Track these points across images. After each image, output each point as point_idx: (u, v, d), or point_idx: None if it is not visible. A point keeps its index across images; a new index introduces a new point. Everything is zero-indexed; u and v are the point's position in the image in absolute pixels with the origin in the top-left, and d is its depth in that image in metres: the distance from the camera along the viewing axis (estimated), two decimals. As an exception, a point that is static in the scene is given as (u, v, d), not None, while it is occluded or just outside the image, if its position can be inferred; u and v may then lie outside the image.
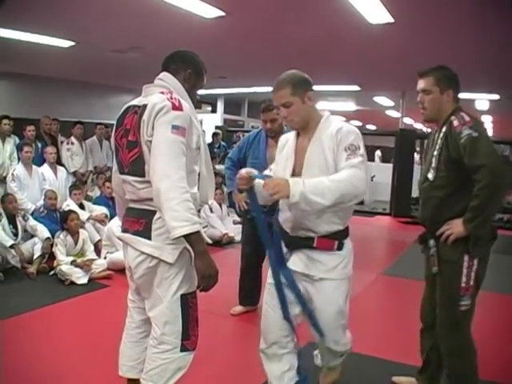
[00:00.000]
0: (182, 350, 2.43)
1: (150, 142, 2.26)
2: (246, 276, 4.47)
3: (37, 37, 7.00)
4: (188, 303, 2.44)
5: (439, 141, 2.70)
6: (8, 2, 5.22)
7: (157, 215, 2.33)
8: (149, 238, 2.34)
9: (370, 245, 8.45)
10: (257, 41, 7.11)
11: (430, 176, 2.74)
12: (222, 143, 12.03)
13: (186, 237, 2.17)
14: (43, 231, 5.67)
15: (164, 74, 2.53)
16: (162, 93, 2.37)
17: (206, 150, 2.54)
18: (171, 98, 2.31)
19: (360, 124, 22.67)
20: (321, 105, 15.99)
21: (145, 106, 2.33)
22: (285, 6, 5.29)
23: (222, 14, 5.52)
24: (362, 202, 12.74)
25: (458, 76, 2.79)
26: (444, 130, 2.68)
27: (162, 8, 5.30)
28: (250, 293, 4.49)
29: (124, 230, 2.50)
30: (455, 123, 2.60)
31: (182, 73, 2.54)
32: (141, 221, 2.38)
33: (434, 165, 2.72)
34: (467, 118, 2.60)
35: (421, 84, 2.79)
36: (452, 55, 6.56)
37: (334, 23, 5.77)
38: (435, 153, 2.72)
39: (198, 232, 2.18)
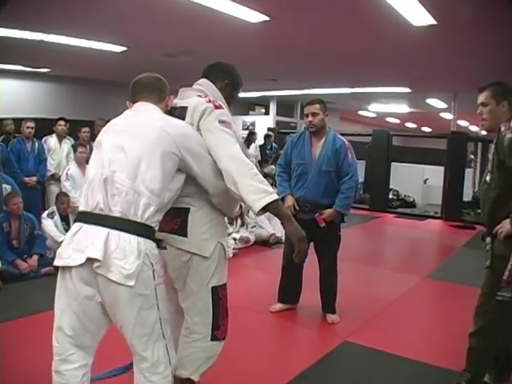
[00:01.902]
0: (212, 339, 2.55)
1: None
2: (287, 275, 4.51)
3: (91, 43, 7.30)
4: (218, 295, 2.55)
5: (493, 146, 2.92)
6: (64, 12, 5.53)
7: (192, 212, 2.46)
8: (185, 235, 2.46)
9: (418, 248, 8.39)
10: (303, 44, 7.14)
11: (488, 178, 2.95)
12: (274, 145, 12.11)
13: (269, 206, 2.22)
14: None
15: (203, 80, 2.69)
16: (200, 96, 2.52)
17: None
18: (209, 101, 2.46)
19: (415, 126, 22.39)
20: (374, 107, 15.90)
21: (182, 108, 2.49)
22: (329, 10, 5.34)
23: (267, 18, 5.62)
24: (413, 205, 12.63)
25: (502, 76, 2.94)
26: (496, 137, 2.86)
27: (209, 13, 5.44)
28: (289, 291, 4.54)
29: (160, 230, 2.63)
30: (502, 129, 2.78)
31: (219, 82, 2.69)
32: (175, 220, 2.47)
33: (489, 169, 2.94)
34: None
35: (480, 98, 3.00)
36: (500, 56, 6.51)
37: (378, 26, 5.77)
38: (490, 157, 2.99)
39: (277, 200, 2.27)
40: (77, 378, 2.18)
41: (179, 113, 2.48)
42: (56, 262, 2.13)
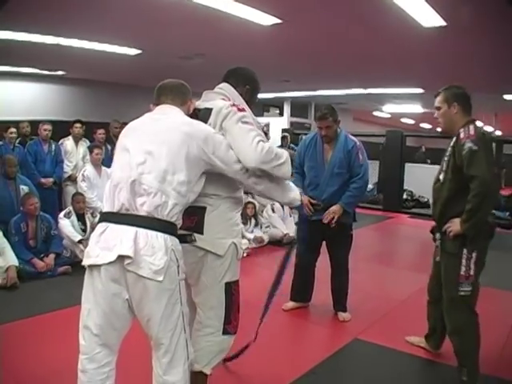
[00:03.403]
0: (224, 333, 2.64)
1: None
2: (299, 273, 4.54)
3: (106, 46, 7.40)
4: (232, 290, 2.63)
5: (449, 148, 3.14)
6: (79, 15, 5.62)
7: (208, 211, 2.54)
8: (201, 233, 2.54)
9: (430, 248, 8.34)
10: (315, 46, 7.18)
11: (441, 177, 3.20)
12: (292, 145, 12.13)
13: None
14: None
15: (224, 85, 2.76)
16: (223, 99, 2.61)
17: None
18: (234, 105, 2.55)
19: (430, 126, 22.28)
20: (388, 107, 15.88)
21: (207, 109, 2.57)
22: (338, 13, 5.37)
23: (279, 21, 5.67)
24: (428, 206, 12.58)
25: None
26: (453, 140, 3.10)
27: (221, 16, 5.49)
28: (302, 290, 4.59)
29: None
30: (461, 135, 3.01)
31: (240, 87, 2.77)
32: (192, 218, 2.53)
33: (444, 168, 3.18)
34: (472, 132, 3.00)
35: (435, 103, 3.25)
36: (509, 56, 6.52)
37: (389, 27, 5.79)
38: (446, 158, 3.17)
39: None
40: (103, 375, 2.26)
41: (203, 114, 2.56)
42: (84, 262, 2.23)
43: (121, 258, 2.10)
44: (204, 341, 2.63)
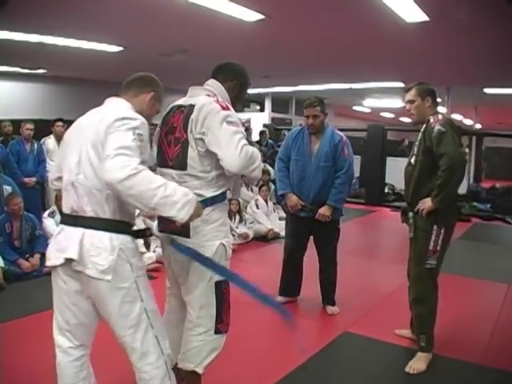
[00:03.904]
0: (215, 333, 2.63)
1: (199, 139, 2.47)
2: (288, 268, 4.57)
3: (87, 43, 7.37)
4: (222, 289, 2.62)
5: (420, 134, 3.44)
6: (61, 13, 5.58)
7: None
8: (188, 236, 2.53)
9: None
10: (298, 42, 7.20)
11: (412, 161, 3.49)
12: (270, 141, 12.09)
13: None
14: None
15: (212, 81, 2.75)
16: (208, 95, 2.59)
17: None
18: (218, 101, 2.53)
19: (409, 120, 22.36)
20: (368, 102, 15.95)
21: (191, 105, 2.54)
22: (323, 7, 5.39)
23: (262, 17, 5.68)
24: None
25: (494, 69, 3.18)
26: (424, 126, 3.41)
27: (204, 12, 5.48)
28: (290, 284, 4.61)
29: (162, 230, 2.69)
30: (431, 120, 3.32)
31: (228, 82, 2.75)
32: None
33: (415, 152, 3.46)
34: (440, 117, 3.33)
35: (407, 96, 3.52)
36: (489, 50, 6.60)
37: (372, 22, 5.83)
38: (417, 143, 3.47)
39: None
40: (76, 368, 2.34)
41: (188, 110, 2.54)
42: (46, 263, 2.29)
43: (69, 260, 2.15)
44: (196, 340, 2.63)
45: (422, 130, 3.43)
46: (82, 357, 2.36)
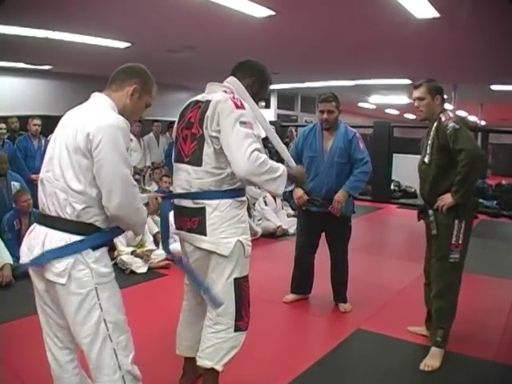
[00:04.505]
0: (235, 330, 2.62)
1: (214, 137, 2.45)
2: (299, 266, 4.55)
3: (94, 39, 7.37)
4: (241, 287, 2.62)
5: (432, 133, 3.44)
6: (68, 8, 5.56)
7: (209, 211, 2.51)
8: (204, 234, 2.52)
9: (422, 238, 8.42)
10: (308, 38, 7.18)
11: (426, 160, 3.49)
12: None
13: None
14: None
15: (231, 78, 2.75)
16: (225, 91, 2.58)
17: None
18: (233, 98, 2.50)
19: (414, 117, 22.37)
20: (374, 99, 15.92)
21: (208, 101, 2.53)
22: (333, 3, 5.36)
23: (273, 13, 5.65)
24: (415, 196, 12.64)
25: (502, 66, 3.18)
26: (435, 125, 3.42)
27: (213, 8, 5.45)
28: (302, 282, 4.59)
29: (178, 228, 2.68)
30: (443, 118, 3.36)
31: (247, 79, 2.75)
32: (194, 219, 2.54)
33: (428, 151, 3.47)
34: (451, 115, 3.39)
35: (416, 93, 3.53)
36: (497, 47, 6.57)
37: (382, 19, 5.81)
38: (429, 142, 3.46)
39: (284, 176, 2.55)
40: (67, 373, 2.27)
41: (204, 106, 2.53)
42: (20, 261, 2.23)
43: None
44: (215, 337, 2.62)
45: (432, 128, 3.45)
46: (70, 361, 2.27)
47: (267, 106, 16.14)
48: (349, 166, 4.26)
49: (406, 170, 12.72)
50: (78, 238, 2.05)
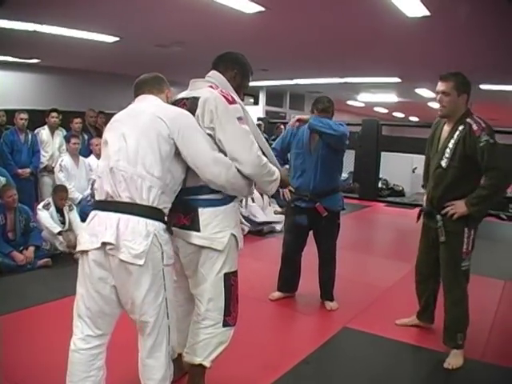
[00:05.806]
0: (224, 325, 2.63)
1: (207, 134, 2.44)
2: (286, 263, 4.52)
3: (83, 33, 7.30)
4: (230, 281, 2.62)
5: (455, 137, 3.23)
6: (56, 1, 5.50)
7: (201, 206, 2.52)
8: (198, 230, 2.52)
9: (409, 236, 8.38)
10: (297, 35, 7.17)
11: (444, 164, 3.30)
12: (264, 135, 12.03)
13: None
14: (78, 227, 5.73)
15: (213, 72, 2.73)
16: (211, 87, 2.56)
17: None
18: (222, 92, 2.51)
19: (403, 115, 22.48)
20: (362, 96, 15.94)
21: (194, 98, 2.52)
22: (323, 1, 5.37)
23: (262, 9, 5.64)
24: (403, 194, 12.68)
25: (492, 66, 3.10)
26: (461, 129, 3.20)
27: (203, 3, 5.44)
28: (288, 280, 4.57)
29: (172, 225, 2.67)
30: (474, 127, 3.13)
31: (229, 72, 2.73)
32: (187, 216, 2.54)
33: (447, 155, 3.27)
34: (483, 124, 3.15)
35: (441, 87, 3.25)
36: (487, 47, 6.58)
37: (373, 16, 5.81)
38: (450, 146, 3.26)
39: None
40: (91, 356, 2.34)
41: (191, 103, 2.51)
42: (77, 248, 2.32)
43: (105, 244, 2.19)
44: (204, 333, 2.61)
45: (456, 131, 3.22)
46: (99, 346, 2.38)
47: (256, 103, 16.13)
48: (336, 161, 4.27)
49: (393, 168, 12.80)
50: (155, 222, 2.26)
